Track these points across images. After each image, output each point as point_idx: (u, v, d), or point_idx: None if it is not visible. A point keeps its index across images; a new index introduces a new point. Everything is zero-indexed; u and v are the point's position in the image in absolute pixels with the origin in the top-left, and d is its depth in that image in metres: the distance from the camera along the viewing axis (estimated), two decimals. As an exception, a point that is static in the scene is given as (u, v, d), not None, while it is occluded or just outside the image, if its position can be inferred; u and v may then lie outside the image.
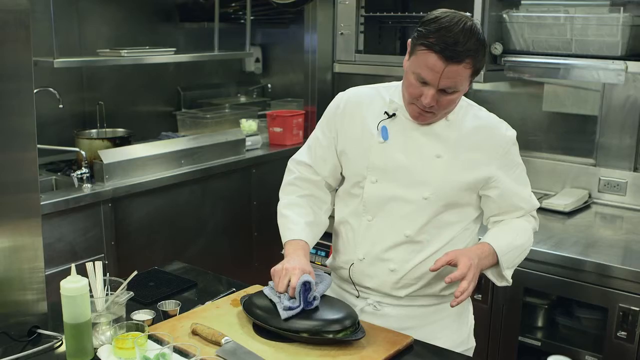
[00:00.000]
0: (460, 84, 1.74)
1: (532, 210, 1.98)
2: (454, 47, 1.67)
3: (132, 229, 3.23)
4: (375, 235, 1.91)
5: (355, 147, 1.94)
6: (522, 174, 1.95)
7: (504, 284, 1.91)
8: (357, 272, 1.96)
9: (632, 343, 2.41)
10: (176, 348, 1.64)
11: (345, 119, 1.97)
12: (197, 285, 2.17)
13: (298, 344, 1.70)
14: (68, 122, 3.64)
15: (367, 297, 1.97)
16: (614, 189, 3.11)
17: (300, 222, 1.95)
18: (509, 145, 1.89)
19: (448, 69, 1.69)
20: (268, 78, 4.85)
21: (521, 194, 1.93)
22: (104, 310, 1.75)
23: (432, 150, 1.85)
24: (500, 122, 1.93)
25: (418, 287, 1.92)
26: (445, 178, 1.85)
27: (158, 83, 4.18)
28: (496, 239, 1.88)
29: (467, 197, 1.89)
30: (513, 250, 1.88)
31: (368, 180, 1.91)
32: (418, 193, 1.85)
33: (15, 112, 1.78)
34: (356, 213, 1.95)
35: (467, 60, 1.69)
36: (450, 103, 1.78)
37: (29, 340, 1.75)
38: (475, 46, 1.69)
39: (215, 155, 3.64)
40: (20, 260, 1.83)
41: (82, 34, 3.73)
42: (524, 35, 2.93)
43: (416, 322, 1.91)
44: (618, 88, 3.05)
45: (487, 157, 1.86)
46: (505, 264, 1.86)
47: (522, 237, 1.93)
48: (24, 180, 1.83)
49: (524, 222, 1.96)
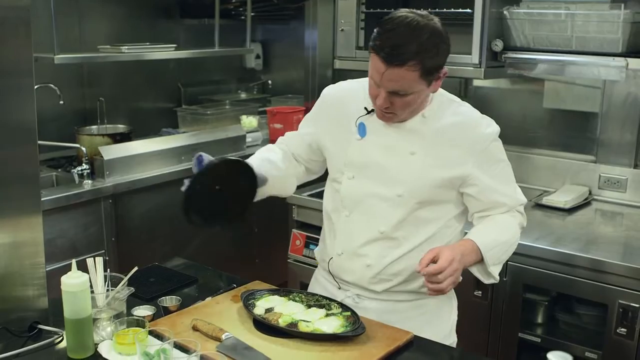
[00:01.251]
0: (409, 87, 1.71)
1: (516, 206, 1.95)
2: (394, 50, 1.66)
3: (133, 225, 3.23)
4: (351, 231, 1.92)
5: (335, 143, 1.96)
6: (503, 170, 1.91)
7: (491, 281, 1.90)
8: (336, 267, 1.98)
9: (632, 339, 2.41)
10: (176, 344, 1.64)
11: (327, 114, 2.00)
12: (198, 281, 2.17)
13: (298, 339, 1.71)
14: (69, 118, 3.64)
15: (348, 289, 1.98)
16: (615, 186, 3.11)
17: (259, 156, 2.02)
18: (487, 142, 1.86)
19: (390, 72, 1.68)
20: (268, 74, 4.85)
21: (502, 190, 1.90)
22: (105, 306, 1.75)
23: (407, 148, 1.85)
24: (482, 118, 1.89)
25: (396, 283, 1.92)
26: (419, 175, 1.84)
27: (158, 79, 4.19)
28: (480, 235, 1.86)
29: (445, 194, 1.87)
30: (498, 247, 1.86)
31: (345, 176, 1.92)
32: (392, 190, 1.85)
33: (15, 108, 1.78)
34: (336, 208, 1.97)
35: (411, 63, 1.66)
36: (405, 105, 1.76)
37: (29, 335, 1.75)
38: (420, 48, 1.66)
39: (216, 151, 3.62)
40: (21, 256, 1.83)
41: (82, 30, 3.74)
42: (524, 31, 2.93)
43: (395, 316, 1.90)
44: (619, 85, 3.05)
45: (464, 154, 1.83)
46: (491, 261, 1.84)
47: (507, 233, 1.90)
48: (24, 176, 1.83)
49: (509, 218, 1.93)
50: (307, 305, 1.86)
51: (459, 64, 3.07)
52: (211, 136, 3.66)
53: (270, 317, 1.78)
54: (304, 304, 1.86)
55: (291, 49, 4.54)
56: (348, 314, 1.81)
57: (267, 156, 2.03)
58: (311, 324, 1.75)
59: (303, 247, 3.03)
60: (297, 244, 3.08)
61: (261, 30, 4.74)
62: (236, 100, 4.51)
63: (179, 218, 2.26)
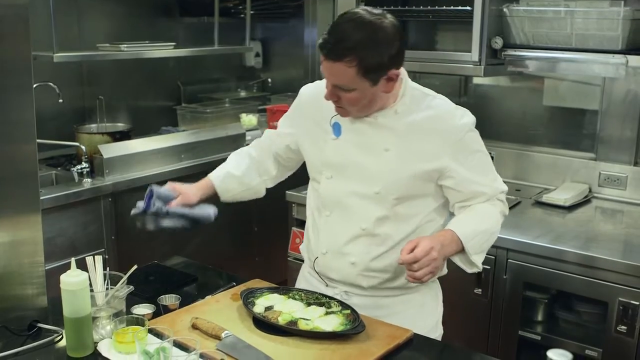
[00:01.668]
0: (348, 82, 1.71)
1: (496, 194, 1.94)
2: (332, 45, 1.68)
3: (133, 224, 3.19)
4: (334, 230, 1.94)
5: (313, 143, 1.98)
6: (481, 160, 1.91)
7: (474, 270, 1.90)
8: (322, 266, 2.00)
9: (632, 337, 2.41)
10: (176, 342, 1.63)
11: (304, 113, 2.02)
12: (197, 279, 2.17)
13: (298, 337, 1.70)
14: (68, 116, 3.64)
15: (335, 286, 1.99)
16: (614, 184, 3.10)
17: (225, 169, 2.12)
18: (462, 132, 1.85)
19: (328, 65, 1.70)
20: (268, 72, 4.85)
21: (480, 180, 1.89)
22: (104, 304, 1.75)
23: (381, 144, 1.85)
24: (456, 109, 1.88)
25: (382, 280, 1.93)
26: (394, 171, 1.84)
27: (158, 78, 4.19)
28: (460, 225, 1.86)
29: (423, 188, 1.88)
30: (479, 236, 1.86)
31: (324, 176, 1.94)
32: (370, 188, 1.86)
33: (14, 106, 1.78)
34: (318, 208, 1.99)
35: (348, 58, 1.66)
36: (351, 102, 1.77)
37: (29, 334, 1.75)
38: (356, 45, 1.66)
39: (216, 149, 3.64)
40: (20, 254, 1.83)
41: (81, 28, 3.73)
42: (524, 29, 2.92)
43: (383, 311, 1.90)
44: (618, 82, 3.04)
45: (438, 146, 1.83)
46: (472, 250, 1.84)
47: (487, 222, 1.90)
48: (23, 174, 1.82)
49: (489, 207, 1.92)
50: (307, 303, 1.86)
51: (459, 61, 3.06)
52: (211, 134, 3.66)
53: (270, 316, 1.77)
54: (303, 302, 1.86)
55: (291, 47, 4.54)
56: (348, 312, 1.80)
57: (232, 171, 2.11)
58: (311, 322, 1.75)
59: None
60: (297, 242, 3.08)
61: (261, 29, 4.74)
62: (236, 99, 4.51)
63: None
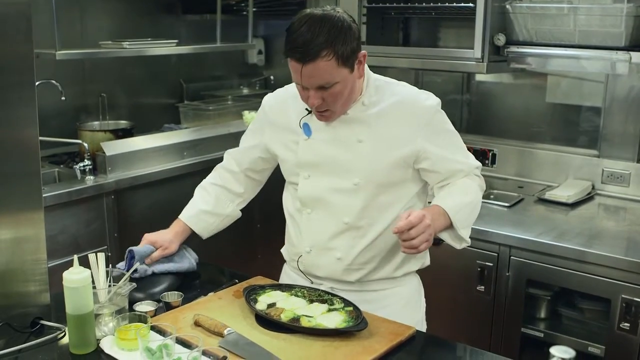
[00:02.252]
0: (331, 77, 1.74)
1: (472, 169, 1.97)
2: (301, 48, 1.70)
3: (135, 221, 3.23)
4: (317, 227, 1.95)
5: (285, 148, 2.00)
6: (452, 139, 1.95)
7: (464, 245, 1.92)
8: (306, 264, 2.01)
9: (635, 334, 2.41)
10: (179, 339, 1.64)
11: (271, 122, 2.05)
12: (200, 276, 2.17)
13: (301, 334, 1.71)
14: (71, 114, 3.64)
15: (321, 283, 2.01)
16: (618, 181, 3.10)
17: (196, 207, 2.19)
18: (430, 113, 1.89)
19: (306, 69, 1.72)
20: (271, 70, 4.84)
21: (455, 158, 1.93)
22: (107, 301, 1.75)
23: (354, 137, 1.88)
24: (420, 93, 1.93)
25: (368, 271, 1.95)
26: (371, 161, 1.87)
27: (160, 75, 4.18)
28: (445, 200, 1.88)
29: (401, 174, 1.90)
30: (464, 209, 1.89)
31: (301, 176, 1.96)
32: (348, 180, 1.88)
33: (17, 104, 1.78)
34: (297, 208, 2.01)
35: (324, 54, 1.70)
36: (336, 97, 1.79)
37: (32, 331, 1.75)
38: (326, 38, 1.69)
39: (218, 147, 3.62)
40: (22, 251, 1.83)
41: (84, 26, 3.73)
42: (527, 26, 2.92)
43: (369, 306, 1.89)
44: (622, 79, 3.04)
45: (410, 130, 1.87)
46: (459, 224, 1.86)
47: (469, 195, 1.93)
48: (26, 172, 1.82)
49: (468, 180, 1.95)
50: (310, 300, 1.86)
51: (461, 58, 3.06)
52: (213, 132, 3.65)
53: (273, 313, 1.78)
54: (306, 299, 1.86)
55: (293, 45, 4.53)
56: (350, 309, 1.80)
57: (203, 208, 2.19)
58: (313, 319, 1.75)
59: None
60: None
61: (263, 26, 4.73)
62: (238, 96, 4.50)
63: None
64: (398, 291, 2.01)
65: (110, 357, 1.63)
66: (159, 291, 1.96)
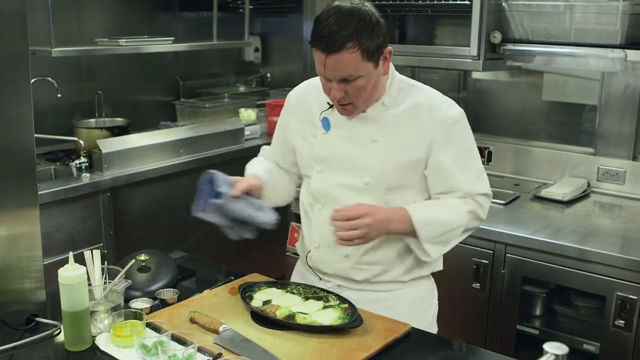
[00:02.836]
0: (354, 70, 1.73)
1: (472, 194, 1.90)
2: (328, 38, 1.69)
3: (131, 218, 3.23)
4: (326, 223, 1.91)
5: (304, 141, 1.99)
6: (464, 156, 1.89)
7: (427, 259, 1.89)
8: (315, 260, 2.01)
9: (630, 331, 2.41)
10: (174, 336, 1.64)
11: (295, 115, 2.03)
12: (196, 273, 2.17)
13: (296, 331, 1.71)
14: (67, 111, 3.64)
15: (329, 280, 2.00)
16: (613, 178, 3.10)
17: (261, 167, 2.07)
18: (449, 123, 1.85)
19: (330, 59, 1.71)
20: (267, 67, 4.84)
21: (459, 177, 1.87)
22: (102, 298, 1.75)
23: (369, 136, 1.87)
24: (443, 101, 1.89)
25: (376, 272, 1.94)
26: (382, 162, 1.85)
27: (157, 73, 4.18)
28: (417, 208, 1.85)
29: (411, 178, 1.89)
30: (435, 225, 1.84)
31: (315, 171, 1.95)
32: (359, 179, 1.87)
33: (12, 101, 1.78)
34: (310, 203, 2.00)
35: (349, 46, 1.69)
36: (359, 91, 1.78)
37: (27, 328, 1.76)
38: (353, 30, 1.69)
39: (214, 144, 3.64)
40: (18, 248, 1.83)
41: (80, 23, 3.73)
42: (523, 23, 2.92)
43: (376, 306, 1.89)
44: (617, 77, 3.04)
45: (424, 136, 1.84)
46: (424, 236, 1.83)
47: (450, 215, 1.87)
48: (21, 169, 1.83)
49: (458, 202, 1.89)
50: (305, 297, 1.86)
51: (457, 55, 3.07)
52: (209, 129, 3.65)
53: (268, 310, 1.78)
54: (301, 296, 1.87)
55: (290, 42, 4.53)
56: (346, 306, 1.81)
57: (270, 168, 2.10)
58: (309, 316, 1.75)
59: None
60: (296, 236, 3.07)
61: (260, 24, 4.73)
62: (235, 94, 4.50)
63: (178, 211, 2.27)
64: (406, 292, 1.98)
65: (105, 354, 1.64)
66: (154, 289, 1.96)
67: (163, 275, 2.05)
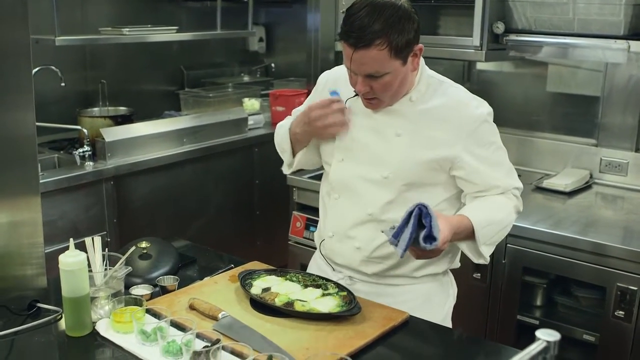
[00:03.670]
0: (381, 67, 1.70)
1: (509, 189, 1.90)
2: (357, 32, 1.67)
3: (134, 207, 3.25)
4: (341, 213, 1.93)
5: None
6: (495, 153, 1.87)
7: (481, 262, 1.87)
8: (328, 249, 2.00)
9: (630, 322, 2.42)
10: (173, 322, 1.66)
11: (321, 97, 1.99)
12: (197, 261, 2.19)
13: (294, 319, 1.72)
14: (72, 100, 3.66)
15: (341, 271, 2.00)
16: (615, 170, 3.10)
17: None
18: (477, 123, 1.82)
19: (357, 54, 1.69)
20: (272, 57, 4.84)
21: (492, 174, 1.85)
22: (103, 284, 1.77)
23: (393, 129, 1.84)
24: (472, 99, 1.86)
25: (387, 267, 1.92)
26: (405, 157, 1.83)
27: (161, 62, 4.19)
28: (474, 212, 1.82)
29: (433, 177, 1.85)
30: (491, 225, 1.82)
31: (336, 159, 1.93)
32: (378, 172, 1.85)
33: (13, 90, 1.79)
34: (327, 192, 1.99)
35: (377, 42, 1.66)
36: (385, 87, 1.76)
37: (29, 314, 1.77)
38: (383, 26, 1.66)
39: (218, 133, 3.65)
40: (19, 235, 1.85)
41: (85, 12, 3.74)
42: (526, 14, 2.91)
43: (386, 300, 1.88)
44: (620, 68, 3.03)
45: (451, 135, 1.81)
46: (482, 239, 1.80)
47: (501, 213, 1.86)
48: (23, 157, 1.84)
49: (503, 199, 1.89)
50: (304, 285, 1.87)
51: (460, 46, 3.06)
52: (213, 118, 3.66)
53: (267, 297, 1.79)
54: (300, 284, 1.88)
55: (294, 32, 4.53)
56: (344, 294, 1.82)
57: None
58: (307, 303, 1.76)
59: (303, 229, 3.05)
60: (298, 226, 3.09)
61: (264, 13, 4.73)
62: (239, 83, 4.51)
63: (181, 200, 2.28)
64: (417, 288, 1.96)
65: (105, 339, 1.65)
66: (155, 276, 1.98)
67: (164, 263, 2.06)
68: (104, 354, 1.63)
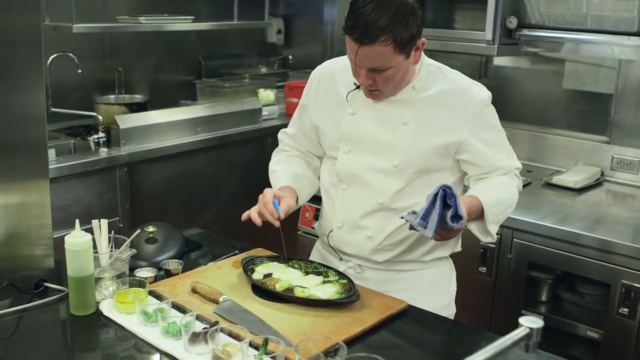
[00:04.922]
0: (385, 62, 1.72)
1: (511, 169, 1.95)
2: (363, 28, 1.67)
3: (147, 194, 3.29)
4: (350, 204, 1.95)
5: (329, 119, 1.98)
6: (497, 136, 1.92)
7: (489, 240, 1.91)
8: (336, 240, 2.01)
9: (634, 319, 2.42)
10: (174, 304, 1.69)
11: (318, 92, 2.02)
12: (202, 247, 2.22)
13: (294, 304, 1.75)
14: (90, 87, 3.70)
15: (349, 260, 2.02)
16: (627, 167, 3.09)
17: (288, 174, 2.07)
18: (480, 107, 1.86)
19: (362, 50, 1.70)
20: (289, 49, 4.86)
21: (496, 155, 1.91)
22: (108, 266, 1.81)
23: (399, 118, 1.87)
24: (473, 84, 1.90)
25: (397, 253, 1.95)
26: (413, 144, 1.86)
27: (179, 52, 4.22)
28: (483, 193, 1.86)
29: (440, 162, 1.89)
30: (498, 205, 1.86)
31: (341, 151, 1.95)
32: (388, 161, 1.88)
33: (25, 75, 1.83)
34: (333, 183, 2.01)
35: (382, 38, 1.67)
36: (387, 80, 1.78)
37: (36, 292, 1.82)
38: (388, 22, 1.66)
39: (232, 123, 3.67)
40: (28, 217, 1.89)
41: (105, 1, 3.78)
42: (539, 9, 2.90)
43: (396, 286, 1.93)
44: (634, 65, 3.01)
45: (456, 120, 1.85)
46: (490, 218, 1.83)
47: (506, 192, 1.91)
48: (33, 140, 1.88)
49: (507, 179, 1.94)
50: (305, 272, 1.90)
51: (472, 40, 3.06)
52: (227, 108, 3.69)
53: (268, 282, 1.82)
54: (302, 270, 1.90)
55: (312, 25, 4.55)
56: (344, 282, 1.84)
57: (299, 172, 2.09)
58: (307, 289, 1.79)
59: (312, 219, 3.07)
60: (307, 216, 3.12)
61: (283, 5, 4.75)
62: (255, 74, 4.53)
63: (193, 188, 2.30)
64: (425, 273, 2.00)
65: (108, 319, 1.69)
66: (160, 259, 2.02)
67: (170, 247, 2.10)
68: (107, 333, 1.67)
